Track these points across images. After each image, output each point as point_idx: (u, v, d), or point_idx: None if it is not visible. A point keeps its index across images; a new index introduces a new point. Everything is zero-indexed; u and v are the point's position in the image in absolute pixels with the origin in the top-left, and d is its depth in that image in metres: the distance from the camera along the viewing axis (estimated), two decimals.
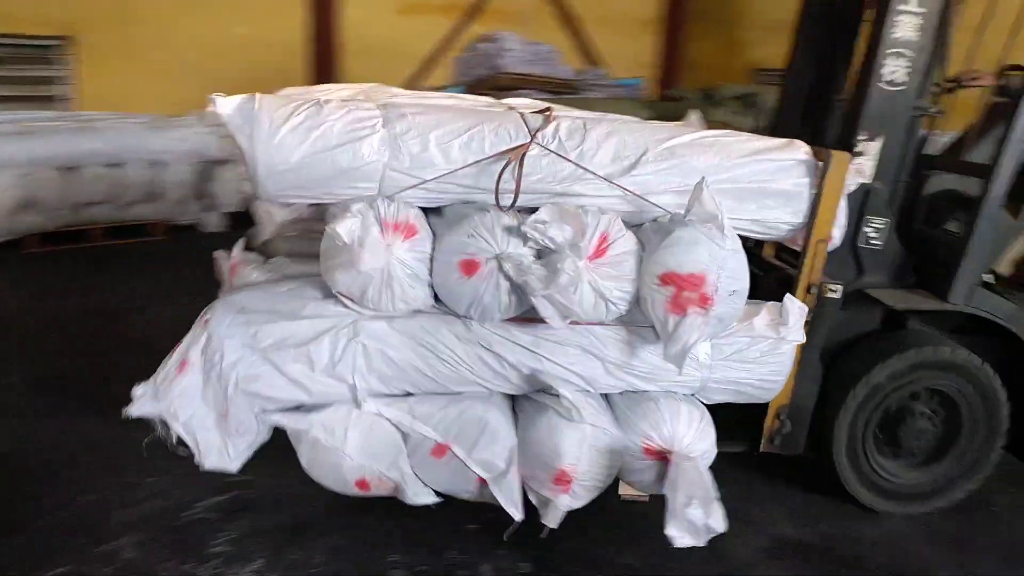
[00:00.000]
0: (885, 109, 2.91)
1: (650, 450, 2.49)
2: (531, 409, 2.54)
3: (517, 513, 2.45)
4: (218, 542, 2.69)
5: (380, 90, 2.87)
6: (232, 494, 2.92)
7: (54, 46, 8.07)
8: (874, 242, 2.99)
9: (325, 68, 8.81)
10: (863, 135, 2.92)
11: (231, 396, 2.37)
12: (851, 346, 3.04)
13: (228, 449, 2.42)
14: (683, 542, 2.25)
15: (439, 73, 9.09)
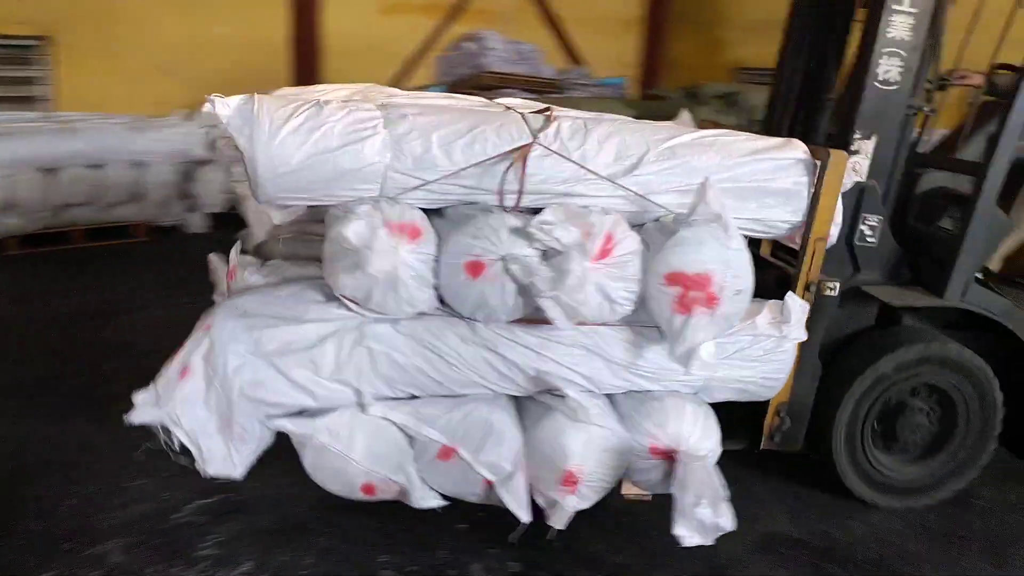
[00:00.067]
0: (879, 108, 2.94)
1: (656, 449, 2.49)
2: (536, 411, 2.53)
3: (525, 515, 2.44)
4: (206, 545, 2.66)
5: (376, 90, 2.85)
6: (220, 496, 2.89)
7: (33, 46, 7.94)
8: (869, 240, 3.02)
9: (307, 68, 8.72)
10: (858, 134, 2.95)
11: (235, 402, 2.33)
12: (848, 342, 3.07)
13: (232, 456, 2.38)
14: (691, 541, 2.26)
15: (422, 73, 9.05)
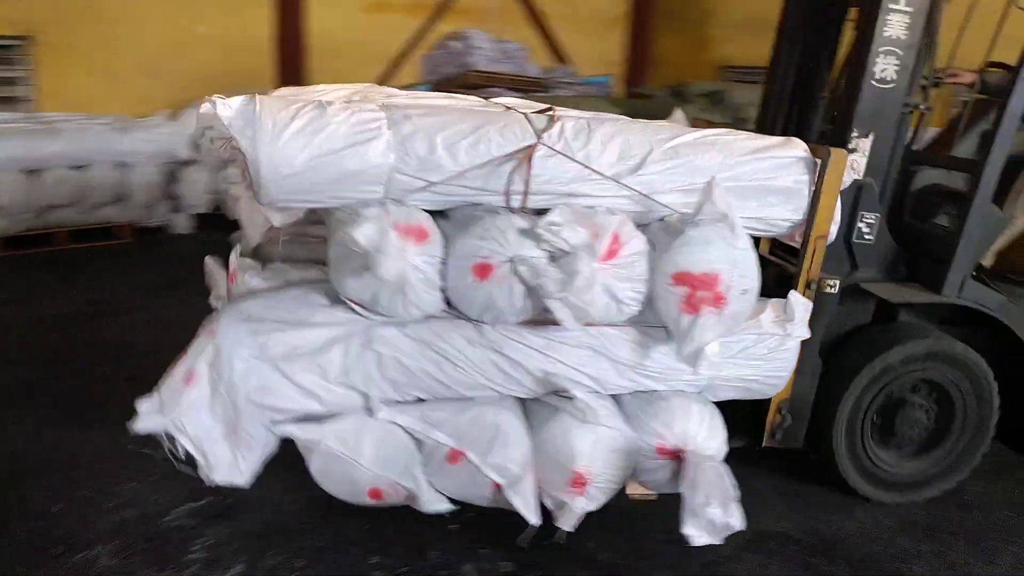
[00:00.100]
0: (876, 106, 2.96)
1: (663, 449, 2.50)
2: (543, 412, 2.52)
3: (534, 518, 2.43)
4: (195, 548, 2.64)
5: (376, 90, 2.83)
6: (209, 499, 2.86)
7: (15, 46, 7.80)
8: (867, 237, 3.04)
9: (292, 68, 8.64)
10: (855, 132, 2.97)
11: (241, 408, 2.30)
12: (847, 339, 3.09)
13: (239, 462, 2.35)
14: (700, 540, 2.26)
15: (407, 72, 9.00)
